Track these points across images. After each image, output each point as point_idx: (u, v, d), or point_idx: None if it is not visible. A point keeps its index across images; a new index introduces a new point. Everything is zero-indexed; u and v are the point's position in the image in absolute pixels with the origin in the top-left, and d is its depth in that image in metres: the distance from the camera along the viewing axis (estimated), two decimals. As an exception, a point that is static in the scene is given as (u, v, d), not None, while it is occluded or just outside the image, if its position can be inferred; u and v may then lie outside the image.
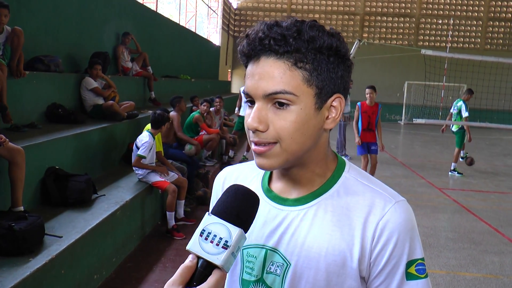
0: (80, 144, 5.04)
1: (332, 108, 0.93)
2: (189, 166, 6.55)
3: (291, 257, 0.95)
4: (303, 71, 0.88)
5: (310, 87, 0.89)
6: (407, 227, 0.92)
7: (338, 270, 0.92)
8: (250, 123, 0.89)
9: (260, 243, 0.99)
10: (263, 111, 0.89)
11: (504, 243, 5.53)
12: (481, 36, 25.39)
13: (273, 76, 0.87)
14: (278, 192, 1.01)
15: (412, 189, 8.12)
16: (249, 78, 0.91)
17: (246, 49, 0.90)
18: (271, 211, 0.99)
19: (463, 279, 4.47)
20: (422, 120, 11.17)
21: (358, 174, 1.00)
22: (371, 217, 0.92)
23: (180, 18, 16.83)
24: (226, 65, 23.58)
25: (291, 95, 0.87)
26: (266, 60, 0.88)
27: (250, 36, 0.90)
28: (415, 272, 0.92)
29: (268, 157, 0.91)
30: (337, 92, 0.93)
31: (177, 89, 10.79)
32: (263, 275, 0.98)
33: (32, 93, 5.26)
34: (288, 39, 0.86)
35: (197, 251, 0.79)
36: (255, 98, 0.90)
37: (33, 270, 2.78)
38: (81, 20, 7.39)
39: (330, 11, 25.71)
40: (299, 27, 0.87)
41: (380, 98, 27.30)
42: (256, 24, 0.91)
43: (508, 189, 8.63)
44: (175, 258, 4.61)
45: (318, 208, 0.96)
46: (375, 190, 0.96)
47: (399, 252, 0.91)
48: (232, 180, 1.09)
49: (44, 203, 4.11)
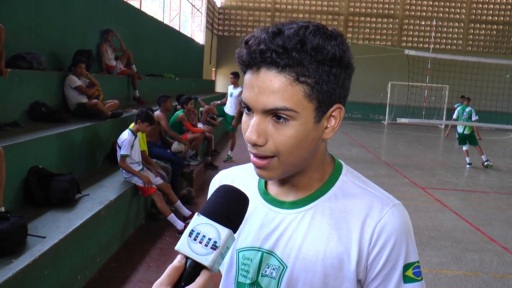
0: (63, 143, 4.98)
1: (332, 118, 0.92)
2: (173, 165, 6.52)
3: (287, 260, 0.94)
4: (305, 85, 0.85)
5: (311, 102, 0.87)
6: (404, 230, 0.92)
7: (335, 273, 0.92)
8: (249, 136, 0.88)
9: (256, 246, 0.98)
10: (262, 125, 0.88)
11: (484, 241, 5.63)
12: (463, 38, 25.77)
13: (273, 91, 0.85)
14: (275, 194, 1.00)
15: (396, 188, 8.21)
16: (248, 89, 0.88)
17: (245, 59, 0.87)
18: (268, 214, 0.99)
19: (444, 276, 4.54)
20: (405, 120, 11.32)
21: (355, 177, 1.00)
22: (369, 220, 0.92)
23: (164, 16, 16.73)
24: (210, 64, 23.52)
25: (292, 112, 0.86)
26: (267, 72, 0.85)
27: (250, 46, 0.86)
28: (412, 275, 0.92)
29: (267, 169, 0.91)
30: (337, 102, 0.91)
31: (161, 88, 10.74)
32: (258, 278, 0.97)
33: (14, 91, 5.18)
34: (291, 52, 0.83)
35: (186, 251, 0.79)
36: (254, 110, 0.88)
37: (15, 271, 2.75)
38: (64, 17, 7.31)
39: (314, 11, 25.82)
40: (302, 37, 0.84)
41: (364, 98, 27.58)
42: (256, 31, 0.87)
43: (488, 188, 8.78)
44: (160, 258, 4.59)
45: (315, 211, 0.96)
46: (372, 193, 0.96)
47: (396, 255, 0.91)
48: (229, 183, 1.06)
49: (27, 203, 4.05)
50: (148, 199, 5.79)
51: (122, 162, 5.13)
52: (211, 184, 1.14)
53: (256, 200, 1.02)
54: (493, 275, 4.62)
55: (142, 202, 5.67)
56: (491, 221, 6.50)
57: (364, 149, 13.23)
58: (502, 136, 19.65)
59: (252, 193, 1.03)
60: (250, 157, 0.93)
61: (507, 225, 6.34)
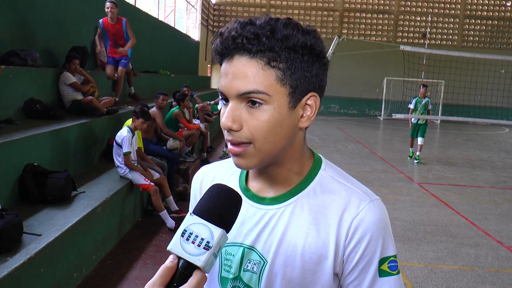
0: (59, 140, 4.96)
1: (307, 107, 0.93)
2: (169, 162, 6.51)
3: (267, 255, 0.96)
4: (277, 70, 0.87)
5: (283, 86, 0.88)
6: (380, 225, 0.93)
7: (314, 267, 0.94)
8: (224, 122, 0.89)
9: (238, 242, 0.99)
10: (237, 111, 0.89)
11: (480, 236, 5.66)
12: (458, 33, 25.83)
13: (246, 75, 0.87)
14: (256, 191, 1.01)
15: (391, 184, 8.23)
16: (223, 77, 0.90)
17: (219, 48, 0.90)
18: (249, 209, 1.00)
19: (440, 271, 4.56)
20: (401, 116, 11.34)
21: (334, 172, 1.01)
22: (346, 215, 0.93)
23: (159, 13, 16.67)
24: (205, 61, 23.46)
25: (264, 95, 0.87)
26: (240, 59, 0.88)
27: (223, 35, 0.89)
28: (388, 269, 0.94)
29: (244, 157, 0.91)
30: (312, 91, 0.92)
31: (156, 85, 10.70)
32: (240, 272, 0.99)
33: (8, 88, 5.15)
34: (261, 38, 0.86)
35: (178, 251, 0.78)
36: (229, 97, 0.90)
37: (11, 270, 2.73)
38: (59, 13, 7.26)
39: (309, 7, 25.80)
40: (273, 26, 0.86)
41: (359, 94, 27.63)
42: (230, 22, 0.90)
43: (484, 183, 8.82)
44: (156, 255, 4.59)
45: (295, 207, 0.97)
46: (350, 188, 0.97)
47: (372, 249, 0.92)
48: (210, 179, 1.09)
49: (23, 201, 4.03)
50: (144, 196, 5.78)
51: (127, 161, 5.14)
52: (193, 180, 1.14)
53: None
54: (488, 269, 4.64)
55: (138, 199, 5.66)
56: (486, 216, 6.53)
57: (360, 144, 13.26)
58: (497, 131, 19.72)
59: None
60: (228, 146, 0.93)
61: (502, 220, 6.38)
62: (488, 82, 16.65)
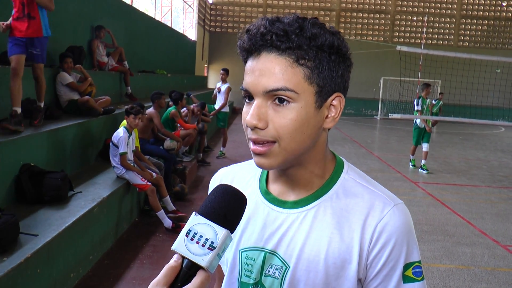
0: (55, 140, 4.95)
1: (332, 107, 0.92)
2: (166, 162, 6.51)
3: (290, 260, 0.94)
4: (305, 68, 0.86)
5: (311, 85, 0.87)
6: (405, 230, 0.92)
7: (338, 273, 0.91)
8: (249, 120, 0.87)
9: (259, 246, 0.98)
10: (263, 108, 0.87)
11: (476, 235, 5.68)
12: (454, 33, 25.90)
13: (274, 72, 0.86)
14: (277, 194, 0.99)
15: (388, 183, 8.24)
16: (248, 74, 0.89)
17: (247, 44, 0.88)
18: (270, 213, 0.98)
19: (436, 270, 4.57)
20: (398, 115, 11.33)
21: (356, 175, 0.99)
22: (370, 219, 0.91)
23: (156, 12, 16.66)
24: (202, 60, 23.45)
25: (292, 93, 0.86)
26: (268, 56, 0.86)
27: (251, 31, 0.88)
28: (412, 275, 0.92)
29: (267, 156, 0.89)
30: (337, 91, 0.92)
31: (153, 84, 10.69)
32: (261, 278, 0.97)
33: (4, 88, 5.13)
34: (290, 35, 0.85)
35: (182, 251, 0.78)
36: (255, 94, 0.88)
37: (7, 270, 2.73)
38: (55, 13, 7.21)
39: (306, 7, 25.81)
40: (301, 24, 0.86)
41: (356, 94, 27.65)
42: (257, 19, 0.89)
43: (480, 182, 8.85)
44: (153, 255, 4.58)
45: (317, 210, 0.95)
46: (373, 191, 0.95)
47: (396, 255, 0.91)
48: (228, 182, 1.04)
49: (19, 201, 4.03)
50: (141, 196, 5.77)
51: (124, 161, 5.13)
52: (211, 182, 1.12)
53: (258, 200, 1.01)
54: (484, 268, 4.66)
55: (135, 199, 5.65)
56: (482, 215, 6.56)
57: (357, 144, 13.28)
58: (493, 131, 19.80)
59: (253, 192, 1.02)
60: (250, 147, 0.91)
61: (498, 219, 6.40)
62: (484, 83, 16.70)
